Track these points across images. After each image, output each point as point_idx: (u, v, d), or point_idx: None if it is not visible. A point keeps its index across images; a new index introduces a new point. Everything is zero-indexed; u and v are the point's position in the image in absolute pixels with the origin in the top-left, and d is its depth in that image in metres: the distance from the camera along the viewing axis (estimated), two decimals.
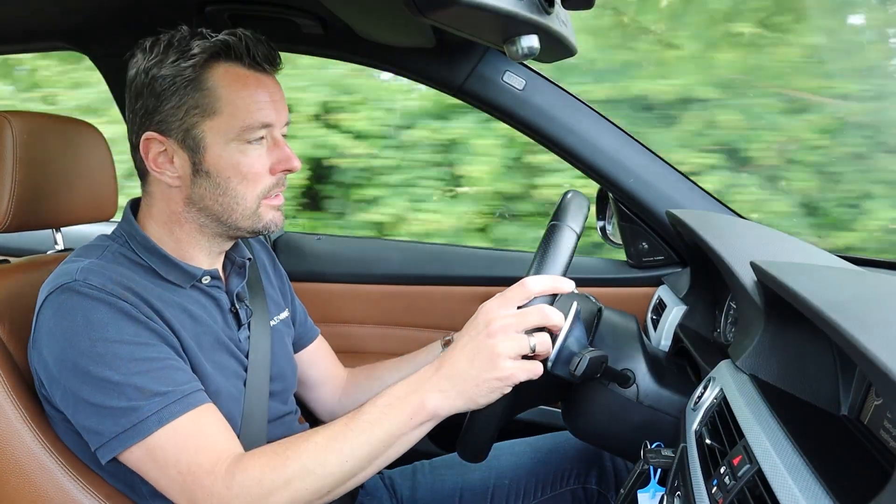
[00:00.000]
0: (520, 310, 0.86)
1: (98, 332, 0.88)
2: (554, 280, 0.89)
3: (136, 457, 0.89)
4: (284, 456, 0.88)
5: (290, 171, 1.02)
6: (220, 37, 0.96)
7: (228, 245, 1.08)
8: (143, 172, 1.02)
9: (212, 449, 0.89)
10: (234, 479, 0.86)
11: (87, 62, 1.66)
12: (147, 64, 0.96)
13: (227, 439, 0.92)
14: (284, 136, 1.03)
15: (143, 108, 0.97)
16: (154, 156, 0.98)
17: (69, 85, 3.49)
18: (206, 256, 1.05)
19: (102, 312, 0.89)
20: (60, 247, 1.25)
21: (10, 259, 1.13)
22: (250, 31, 0.98)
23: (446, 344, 1.26)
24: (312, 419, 1.37)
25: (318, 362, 1.33)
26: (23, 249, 1.50)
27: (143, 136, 0.97)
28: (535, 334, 0.85)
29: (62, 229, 1.25)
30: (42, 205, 1.10)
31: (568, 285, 0.89)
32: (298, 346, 1.30)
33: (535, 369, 0.85)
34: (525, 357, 0.85)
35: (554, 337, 0.91)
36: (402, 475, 1.30)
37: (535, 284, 0.87)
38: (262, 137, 0.99)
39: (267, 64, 0.99)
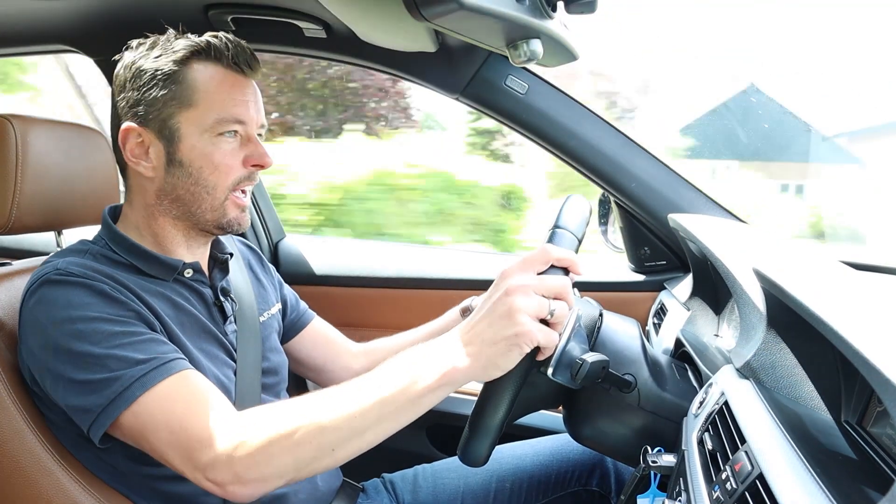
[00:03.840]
0: (540, 274, 0.84)
1: (78, 311, 0.89)
2: (571, 254, 0.87)
3: (128, 426, 0.87)
4: (291, 406, 0.85)
5: (261, 166, 1.05)
6: (203, 38, 1.02)
7: (205, 239, 1.10)
8: (122, 166, 1.06)
9: (204, 407, 0.86)
10: (234, 433, 0.83)
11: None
12: (132, 59, 1.02)
13: (218, 399, 0.89)
14: (261, 139, 1.07)
15: (125, 100, 1.02)
16: (132, 146, 1.02)
17: None
18: (185, 251, 1.08)
19: (83, 295, 0.91)
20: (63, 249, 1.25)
21: (12, 262, 1.14)
22: (232, 35, 1.03)
23: (464, 311, 1.26)
24: None
25: (319, 343, 1.35)
26: (25, 251, 1.50)
27: (122, 127, 1.01)
28: (553, 301, 0.82)
29: (64, 232, 1.25)
30: (44, 207, 1.11)
31: (582, 271, 0.87)
32: (293, 330, 1.32)
33: (551, 335, 0.82)
34: (543, 322, 0.82)
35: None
36: (404, 479, 1.30)
37: (555, 251, 0.85)
38: (235, 132, 1.02)
39: (246, 67, 1.03)
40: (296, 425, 0.82)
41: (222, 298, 1.10)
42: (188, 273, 1.06)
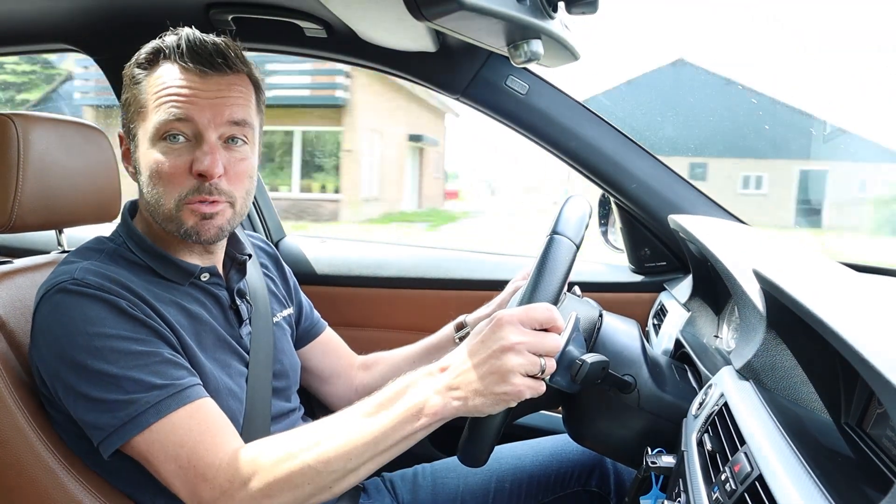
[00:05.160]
0: (538, 332, 0.85)
1: (95, 327, 0.89)
2: (571, 323, 0.91)
3: (138, 450, 0.89)
4: (286, 450, 0.87)
5: (203, 176, 0.95)
6: (166, 38, 0.99)
7: (197, 245, 1.06)
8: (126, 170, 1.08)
9: (212, 442, 0.88)
10: (237, 472, 0.86)
11: None
12: (128, 66, 1.02)
13: (227, 433, 0.91)
14: (232, 138, 0.99)
15: (121, 107, 1.04)
16: (123, 151, 1.04)
17: None
18: (189, 254, 1.05)
19: (99, 309, 0.90)
20: (64, 247, 1.25)
21: (13, 260, 1.13)
22: (195, 32, 0.99)
23: (458, 327, 1.28)
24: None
25: (329, 354, 1.35)
26: (26, 250, 1.50)
27: (117, 133, 1.04)
28: (544, 358, 0.85)
29: (65, 230, 1.25)
30: (46, 206, 1.11)
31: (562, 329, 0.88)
32: (306, 339, 1.32)
33: (539, 388, 0.85)
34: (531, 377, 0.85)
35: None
36: (403, 479, 1.30)
37: (559, 320, 0.86)
38: (180, 139, 0.95)
39: (204, 65, 0.96)
40: (295, 468, 0.85)
41: (238, 301, 1.09)
42: (205, 277, 1.05)
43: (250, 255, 1.15)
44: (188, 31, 0.98)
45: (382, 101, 15.73)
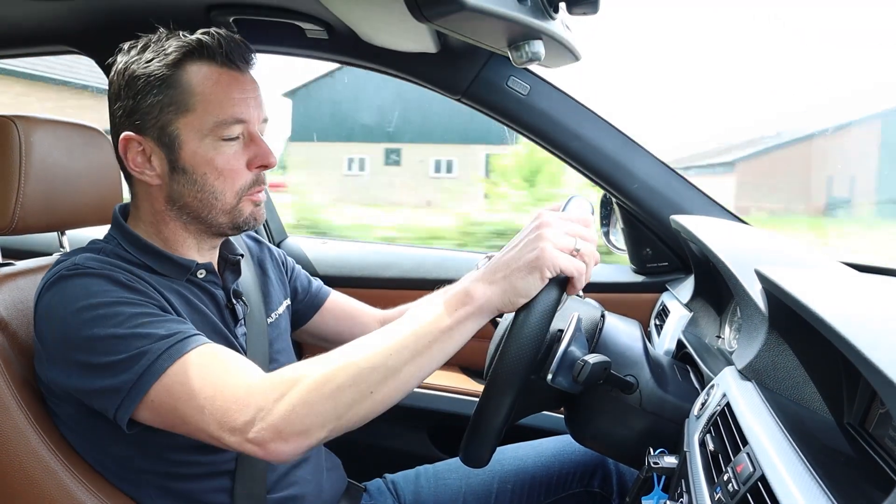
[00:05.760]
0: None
1: (98, 297, 0.88)
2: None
3: (158, 401, 0.84)
4: (324, 356, 0.84)
5: (265, 167, 1.02)
6: (195, 36, 0.98)
7: (216, 241, 1.09)
8: (127, 174, 1.04)
9: (236, 371, 0.85)
10: (272, 387, 0.81)
11: None
12: (124, 65, 0.99)
13: (247, 361, 0.88)
14: (262, 134, 1.04)
15: (122, 109, 0.99)
16: (133, 156, 0.99)
17: None
18: (196, 252, 1.06)
19: (101, 283, 0.90)
20: (66, 250, 1.26)
21: (15, 262, 1.14)
22: (224, 30, 1.00)
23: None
24: None
25: (343, 318, 1.35)
26: (28, 252, 1.50)
27: (122, 136, 0.99)
28: (580, 240, 0.86)
29: (67, 232, 1.26)
30: (47, 208, 1.11)
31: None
32: (311, 310, 1.32)
33: (577, 262, 0.84)
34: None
35: (557, 344, 0.91)
36: (406, 479, 1.30)
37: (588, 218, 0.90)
38: (237, 137, 0.99)
39: (241, 62, 1.00)
40: (332, 370, 0.81)
41: (234, 301, 1.09)
42: (201, 274, 1.05)
43: (242, 255, 1.16)
44: (218, 31, 1.00)
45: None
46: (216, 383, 0.83)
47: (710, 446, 0.79)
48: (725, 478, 0.70)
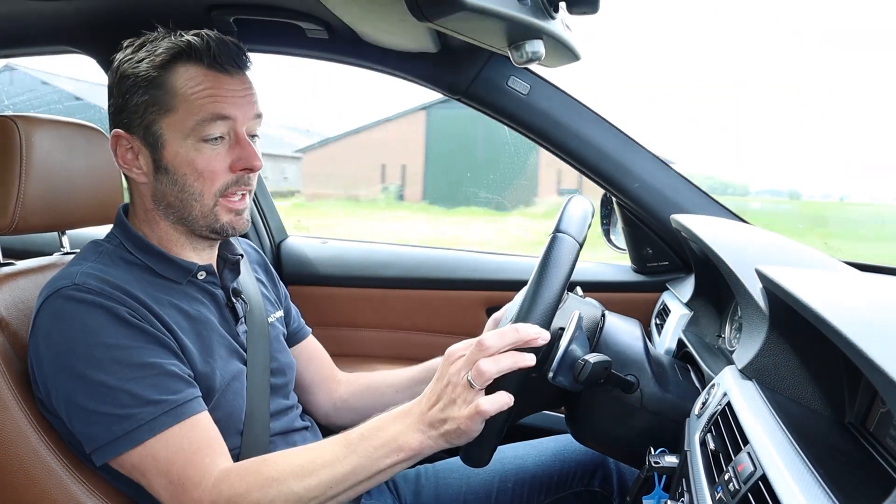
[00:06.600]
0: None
1: (95, 336, 0.90)
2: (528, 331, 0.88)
3: (129, 462, 0.91)
4: (270, 474, 0.89)
5: (249, 170, 1.02)
6: (185, 38, 0.99)
7: (208, 242, 1.09)
8: (125, 171, 1.06)
9: (201, 461, 0.90)
10: (221, 493, 0.88)
11: None
12: (118, 63, 1.01)
13: (216, 451, 0.93)
14: (254, 135, 1.04)
15: (113, 107, 1.02)
16: (122, 152, 1.02)
17: None
18: (193, 252, 1.07)
19: (99, 317, 0.91)
20: (66, 249, 1.26)
21: (15, 262, 1.14)
22: (216, 32, 1.01)
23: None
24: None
25: (313, 362, 1.34)
26: (29, 252, 1.50)
27: (112, 133, 1.01)
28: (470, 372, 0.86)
29: (68, 232, 1.26)
30: (48, 207, 1.11)
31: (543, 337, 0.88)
32: (292, 342, 1.32)
33: (503, 397, 0.86)
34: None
35: (557, 343, 0.91)
36: (406, 479, 1.30)
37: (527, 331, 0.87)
38: (220, 137, 0.99)
39: (229, 64, 1.00)
40: (278, 493, 0.88)
41: (234, 300, 1.10)
42: (201, 275, 1.06)
43: (242, 255, 1.16)
44: (209, 33, 1.00)
45: None
46: (181, 472, 0.90)
47: (711, 445, 0.79)
48: (726, 477, 0.70)
